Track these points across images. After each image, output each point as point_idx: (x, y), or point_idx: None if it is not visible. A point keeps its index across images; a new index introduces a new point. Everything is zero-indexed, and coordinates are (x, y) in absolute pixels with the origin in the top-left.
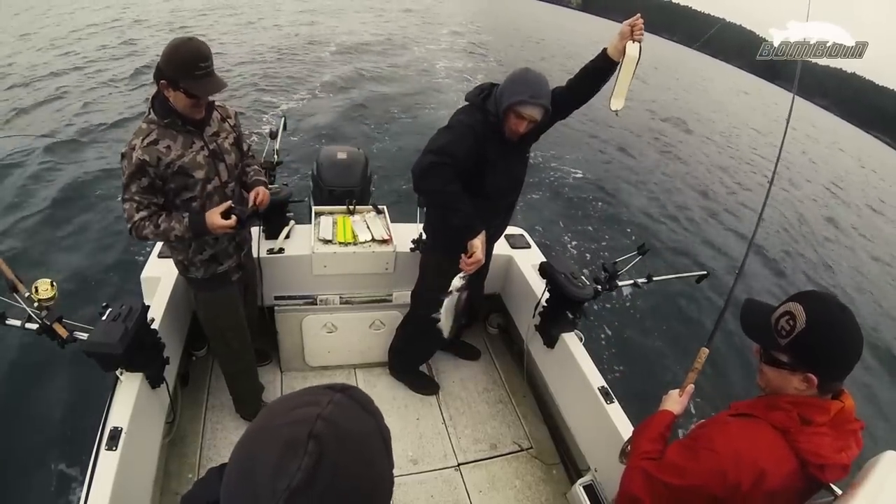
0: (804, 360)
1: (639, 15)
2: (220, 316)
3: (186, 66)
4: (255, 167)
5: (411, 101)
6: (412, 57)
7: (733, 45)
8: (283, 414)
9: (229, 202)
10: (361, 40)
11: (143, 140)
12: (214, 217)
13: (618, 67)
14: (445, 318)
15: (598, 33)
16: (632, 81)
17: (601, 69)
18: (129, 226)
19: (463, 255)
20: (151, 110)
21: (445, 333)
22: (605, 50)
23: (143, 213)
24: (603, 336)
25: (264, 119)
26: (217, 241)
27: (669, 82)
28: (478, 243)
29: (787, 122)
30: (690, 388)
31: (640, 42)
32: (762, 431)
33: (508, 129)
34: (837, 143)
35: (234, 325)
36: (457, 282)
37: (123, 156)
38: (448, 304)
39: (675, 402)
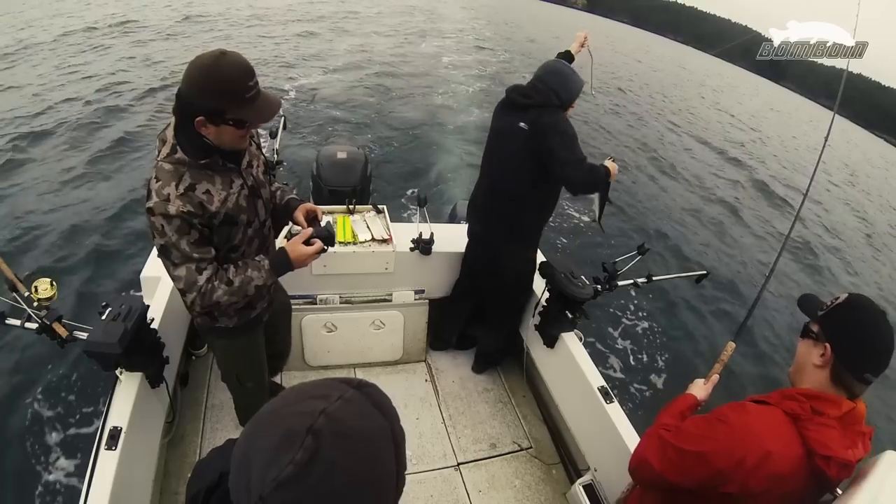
0: (828, 332)
1: (586, 33)
2: (238, 364)
3: (234, 90)
4: (279, 185)
5: (413, 100)
6: (417, 54)
7: (737, 46)
8: (292, 403)
9: (310, 229)
10: (364, 37)
11: (176, 187)
12: (300, 248)
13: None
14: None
15: (602, 32)
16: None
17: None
18: (192, 296)
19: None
20: (178, 147)
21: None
22: (568, 51)
23: (207, 273)
24: (603, 336)
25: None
26: None
27: (668, 81)
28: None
29: (826, 139)
30: (715, 377)
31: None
32: (775, 415)
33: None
34: (845, 145)
35: (252, 369)
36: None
37: (152, 211)
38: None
39: (699, 388)
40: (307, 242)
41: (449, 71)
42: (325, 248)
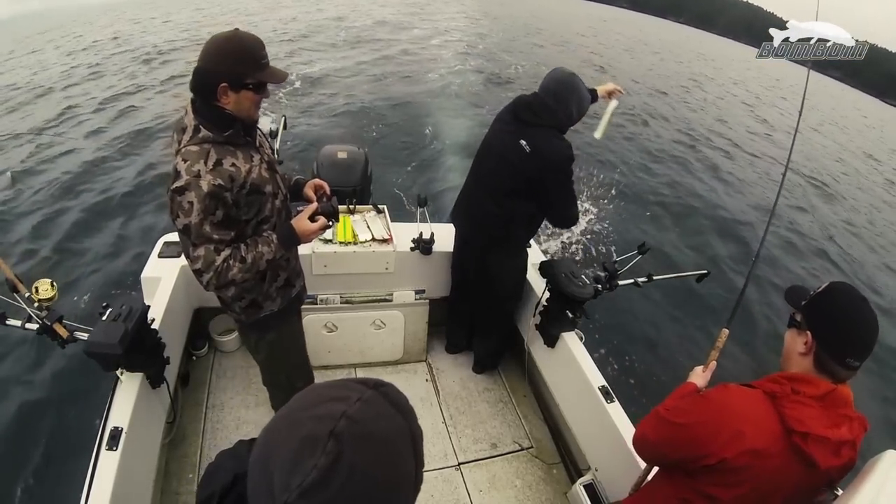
0: (810, 319)
1: (620, 87)
2: (291, 357)
3: (253, 57)
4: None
5: (414, 100)
6: (413, 51)
7: (741, 23)
8: (310, 406)
9: (316, 204)
10: (361, 35)
11: (205, 163)
12: (305, 223)
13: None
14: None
15: (600, 19)
16: (610, 122)
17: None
18: (209, 275)
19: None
20: (200, 127)
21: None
22: (594, 90)
23: (225, 253)
24: (603, 335)
25: (264, 118)
26: (288, 262)
27: (670, 65)
28: None
29: (802, 105)
30: (713, 364)
31: (618, 100)
32: (754, 394)
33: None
34: (852, 114)
35: (302, 364)
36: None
37: (183, 190)
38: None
39: (698, 376)
40: (312, 218)
41: (450, 68)
42: (330, 223)
